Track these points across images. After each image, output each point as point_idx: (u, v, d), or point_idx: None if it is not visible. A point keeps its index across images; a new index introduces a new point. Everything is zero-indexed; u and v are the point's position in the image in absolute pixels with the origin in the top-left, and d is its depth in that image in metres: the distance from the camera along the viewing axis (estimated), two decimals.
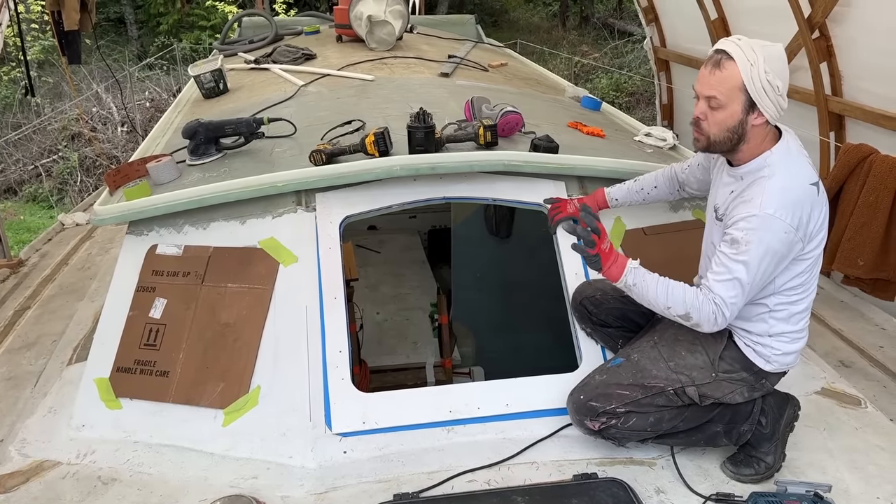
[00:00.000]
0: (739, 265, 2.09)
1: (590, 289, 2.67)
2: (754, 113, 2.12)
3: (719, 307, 2.13)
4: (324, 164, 2.73)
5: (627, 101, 14.33)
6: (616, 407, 2.28)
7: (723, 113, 2.14)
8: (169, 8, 17.83)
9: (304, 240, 2.66)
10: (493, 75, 4.77)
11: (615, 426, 2.30)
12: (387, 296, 4.86)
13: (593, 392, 2.33)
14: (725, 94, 2.12)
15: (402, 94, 3.88)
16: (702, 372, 2.29)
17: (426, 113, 2.77)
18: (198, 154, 3.07)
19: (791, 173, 2.15)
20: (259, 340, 2.53)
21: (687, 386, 2.28)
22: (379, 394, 2.52)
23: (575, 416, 2.37)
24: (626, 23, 18.80)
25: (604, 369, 2.41)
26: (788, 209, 2.08)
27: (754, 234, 2.08)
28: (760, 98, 2.09)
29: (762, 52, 2.08)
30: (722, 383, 2.29)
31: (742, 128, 2.15)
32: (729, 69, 2.09)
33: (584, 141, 3.34)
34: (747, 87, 2.09)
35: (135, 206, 2.67)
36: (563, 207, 2.76)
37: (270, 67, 4.75)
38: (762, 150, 2.19)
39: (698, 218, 3.04)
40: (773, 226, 2.07)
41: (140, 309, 2.63)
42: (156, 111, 11.70)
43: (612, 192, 2.76)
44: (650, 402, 2.29)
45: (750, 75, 2.07)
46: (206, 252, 2.68)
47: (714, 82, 2.13)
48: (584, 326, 2.71)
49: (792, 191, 2.11)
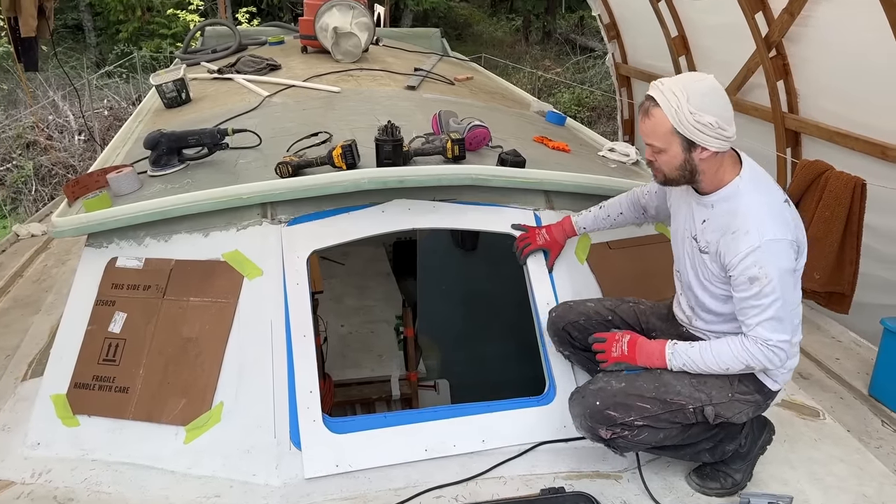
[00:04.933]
0: (771, 301, 2.09)
1: (572, 313, 2.60)
2: (696, 149, 2.13)
3: (773, 349, 2.13)
4: (290, 176, 2.70)
5: (589, 116, 14.51)
6: (634, 420, 2.24)
7: (666, 155, 2.17)
8: (129, 15, 17.51)
9: (270, 252, 2.62)
10: (460, 89, 4.79)
11: (626, 438, 2.25)
12: (351, 308, 4.82)
13: (611, 400, 2.26)
14: (661, 139, 2.14)
15: (369, 106, 3.87)
16: (720, 391, 2.27)
17: (394, 126, 2.77)
18: (160, 165, 3.01)
19: (767, 194, 2.18)
20: (222, 355, 2.49)
21: (706, 405, 2.25)
22: (352, 435, 2.44)
23: (587, 421, 2.28)
24: (588, 39, 19.08)
25: (620, 375, 2.33)
26: (782, 227, 2.11)
27: (769, 265, 2.07)
28: (695, 136, 2.09)
29: (685, 92, 2.08)
30: (735, 403, 2.28)
31: (690, 164, 2.17)
32: (657, 116, 2.12)
33: (550, 155, 3.37)
34: (678, 130, 2.10)
35: (94, 217, 2.61)
36: (531, 238, 2.75)
37: (234, 77, 4.70)
38: (727, 178, 2.20)
39: (661, 232, 3.08)
40: (779, 248, 2.09)
41: (99, 323, 2.56)
42: (115, 119, 11.47)
43: (579, 221, 2.75)
44: (668, 419, 2.25)
45: (677, 119, 2.08)
46: (168, 265, 2.62)
47: (648, 131, 2.16)
48: (563, 350, 2.64)
49: (775, 210, 2.14)
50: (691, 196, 2.32)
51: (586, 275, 2.83)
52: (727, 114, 2.11)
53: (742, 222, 2.13)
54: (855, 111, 4.67)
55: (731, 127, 2.13)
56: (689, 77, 2.15)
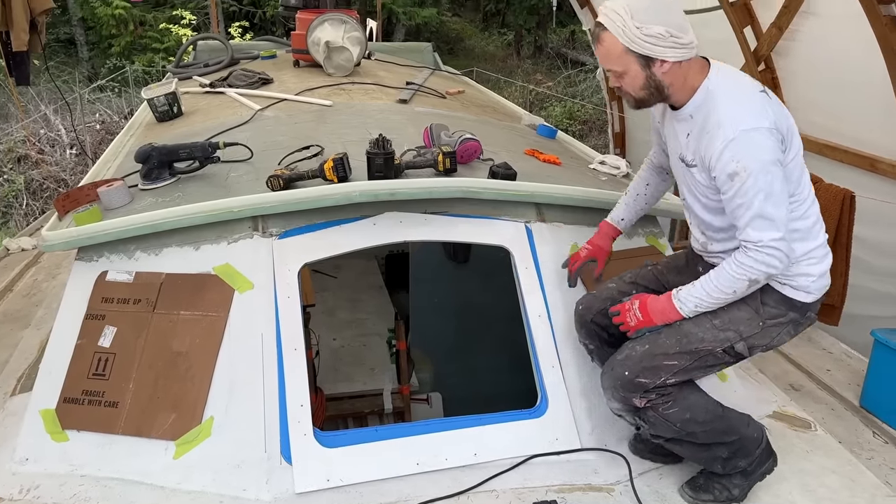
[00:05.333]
0: (752, 196, 2.02)
1: (597, 301, 2.56)
2: (655, 63, 2.10)
3: (764, 250, 2.05)
4: (282, 189, 2.71)
5: (581, 129, 14.59)
6: (666, 379, 2.23)
7: (628, 77, 2.15)
8: (121, 30, 17.54)
9: (261, 266, 2.61)
10: (451, 102, 4.81)
11: (658, 409, 2.26)
12: (344, 321, 4.81)
13: (638, 366, 2.26)
14: (616, 62, 2.13)
15: (361, 119, 3.88)
16: (749, 324, 2.24)
17: (385, 139, 2.77)
18: (151, 178, 3.01)
19: (739, 88, 2.14)
20: (212, 369, 2.47)
21: (735, 342, 2.24)
22: (343, 449, 2.43)
23: (619, 392, 2.28)
24: (579, 53, 19.22)
25: (643, 338, 2.32)
26: (757, 115, 2.05)
27: (746, 157, 2.01)
28: (648, 50, 2.07)
29: (628, 10, 2.06)
30: (769, 330, 2.25)
31: (653, 80, 2.14)
32: (606, 40, 2.12)
33: (541, 168, 3.38)
34: (630, 48, 2.08)
35: (85, 231, 2.60)
36: (575, 257, 2.74)
37: (226, 91, 4.71)
38: (696, 84, 2.16)
39: (652, 244, 3.09)
40: (757, 138, 2.02)
41: (89, 337, 2.55)
42: (106, 133, 11.46)
43: (615, 217, 2.73)
44: (699, 367, 2.26)
45: (626, 37, 2.06)
46: (159, 279, 2.62)
47: (603, 57, 2.16)
48: (588, 343, 2.61)
49: (748, 99, 2.10)
50: (672, 116, 2.29)
51: (578, 286, 2.84)
52: (676, 20, 2.08)
53: (715, 119, 2.08)
54: (843, 124, 4.71)
55: (687, 34, 2.08)
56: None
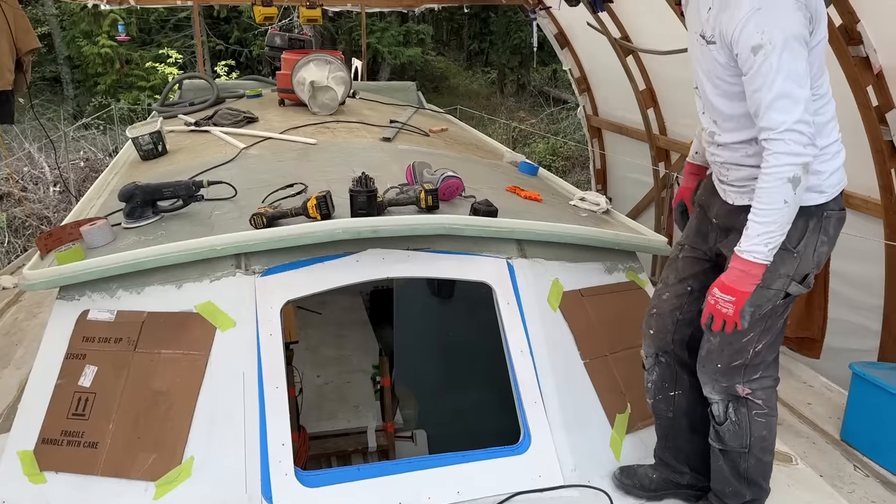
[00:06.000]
0: (775, 73, 1.94)
1: (667, 319, 2.54)
2: None
3: (787, 134, 1.95)
4: (265, 227, 2.73)
5: (563, 165, 14.78)
6: (755, 349, 2.28)
7: None
8: (107, 68, 17.66)
9: (243, 303, 2.62)
10: (434, 140, 4.87)
11: (757, 398, 2.33)
12: (328, 358, 4.79)
13: (724, 354, 2.31)
14: None
15: (345, 157, 3.92)
16: (784, 262, 2.18)
17: (368, 177, 2.81)
18: (134, 217, 3.02)
19: None
20: (193, 408, 2.46)
21: (787, 286, 2.21)
22: (325, 489, 2.41)
23: (720, 383, 2.34)
24: (561, 91, 19.56)
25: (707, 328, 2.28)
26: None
27: (772, 27, 1.93)
28: None
29: None
30: (804, 252, 2.19)
31: None
32: None
33: (522, 205, 3.43)
34: None
35: (67, 270, 2.60)
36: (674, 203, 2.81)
37: (211, 130, 4.75)
38: None
39: (632, 280, 3.13)
40: (784, 8, 1.94)
41: (69, 377, 2.52)
42: (91, 171, 11.46)
43: (691, 153, 2.71)
44: (774, 323, 2.29)
45: None
46: (140, 317, 2.61)
47: None
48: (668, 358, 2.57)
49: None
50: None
51: (559, 322, 2.86)
52: None
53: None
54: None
55: None
56: None
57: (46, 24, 17.93)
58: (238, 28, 19.29)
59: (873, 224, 4.50)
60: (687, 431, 2.61)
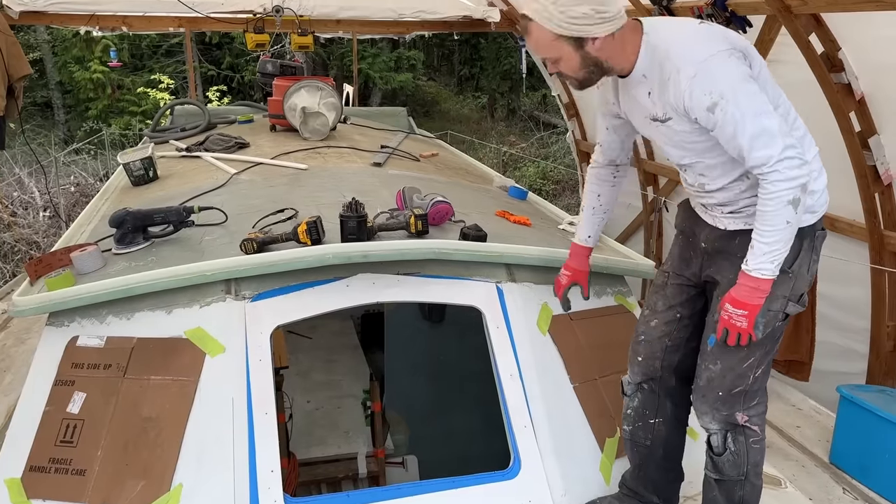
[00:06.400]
0: (741, 118, 1.98)
1: (656, 345, 2.55)
2: (587, 42, 2.08)
3: (781, 165, 1.98)
4: (255, 252, 2.74)
5: (554, 189, 14.87)
6: (754, 374, 2.29)
7: (563, 62, 2.15)
8: (99, 93, 17.72)
9: (233, 329, 2.62)
10: (425, 165, 4.91)
11: (754, 425, 2.34)
12: (318, 383, 4.77)
13: (726, 380, 2.31)
14: (549, 50, 2.12)
15: (335, 182, 3.95)
16: (781, 284, 2.20)
17: (358, 202, 2.83)
18: (124, 243, 3.03)
19: (679, 28, 2.14)
20: (182, 435, 2.45)
21: (784, 307, 2.26)
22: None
23: (721, 412, 2.34)
24: (551, 115, 19.74)
25: (709, 353, 2.33)
26: (708, 42, 2.04)
27: (716, 83, 1.99)
28: (577, 31, 2.05)
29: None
30: (798, 273, 2.24)
31: (589, 59, 2.13)
32: (535, 30, 2.11)
33: (512, 229, 3.45)
34: (559, 34, 2.06)
35: (56, 296, 2.60)
36: (557, 285, 2.78)
37: (202, 155, 4.77)
38: (636, 46, 2.13)
39: (620, 303, 3.15)
40: (718, 62, 2.00)
41: (57, 404, 2.51)
42: (81, 196, 11.45)
43: (581, 237, 2.73)
44: (773, 345, 2.32)
45: (552, 23, 2.04)
46: (130, 343, 2.61)
47: (535, 47, 2.15)
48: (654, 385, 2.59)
49: (693, 33, 2.10)
50: (625, 85, 2.26)
51: (549, 346, 2.87)
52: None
53: (670, 66, 2.06)
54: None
55: (611, 5, 2.06)
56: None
57: (38, 50, 18.01)
58: (230, 54, 19.44)
59: (859, 247, 4.55)
60: (661, 460, 2.63)
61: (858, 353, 4.73)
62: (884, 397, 3.42)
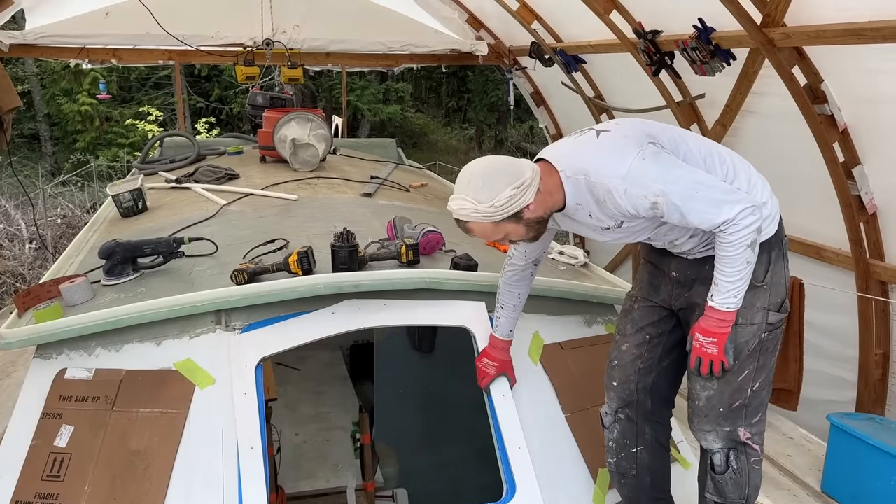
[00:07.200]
0: (687, 199, 2.09)
1: (630, 369, 2.59)
2: (524, 211, 2.15)
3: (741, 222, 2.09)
4: (246, 283, 2.73)
5: None
6: (752, 387, 2.32)
7: (512, 235, 2.23)
8: (87, 125, 17.74)
9: (223, 360, 2.60)
10: (415, 195, 4.93)
11: (756, 444, 2.37)
12: (306, 415, 4.72)
13: (725, 396, 2.33)
14: (495, 234, 2.22)
15: (326, 213, 3.95)
16: (758, 295, 2.28)
17: (349, 232, 2.84)
18: (114, 274, 3.01)
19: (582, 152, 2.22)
20: (171, 468, 2.41)
21: (767, 318, 2.30)
22: None
23: (724, 428, 2.36)
24: (538, 146, 19.89)
25: (699, 377, 2.35)
26: (615, 154, 2.14)
27: (646, 185, 2.09)
28: (511, 211, 2.13)
29: (471, 199, 2.12)
30: (773, 281, 2.31)
31: (531, 222, 2.21)
32: (475, 228, 2.20)
33: (502, 258, 3.45)
34: (497, 220, 2.15)
35: (44, 328, 2.57)
36: (483, 373, 2.77)
37: (192, 186, 4.77)
38: (557, 185, 2.22)
39: (611, 332, 3.15)
40: (638, 169, 2.10)
41: (44, 437, 2.47)
42: (68, 228, 11.40)
43: (503, 333, 2.75)
44: (767, 359, 2.34)
45: (487, 217, 2.13)
46: (119, 375, 2.58)
47: (482, 235, 2.25)
48: (629, 412, 2.61)
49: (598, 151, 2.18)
50: (563, 215, 2.36)
51: (540, 375, 2.87)
52: (509, 173, 2.13)
53: (599, 189, 2.16)
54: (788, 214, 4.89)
55: (523, 172, 2.14)
56: (460, 185, 2.18)
57: (27, 83, 18.05)
58: (219, 86, 19.56)
59: (845, 276, 4.59)
60: (649, 489, 2.63)
61: (847, 381, 4.75)
62: (873, 425, 3.43)
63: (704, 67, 4.86)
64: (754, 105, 4.88)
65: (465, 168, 2.20)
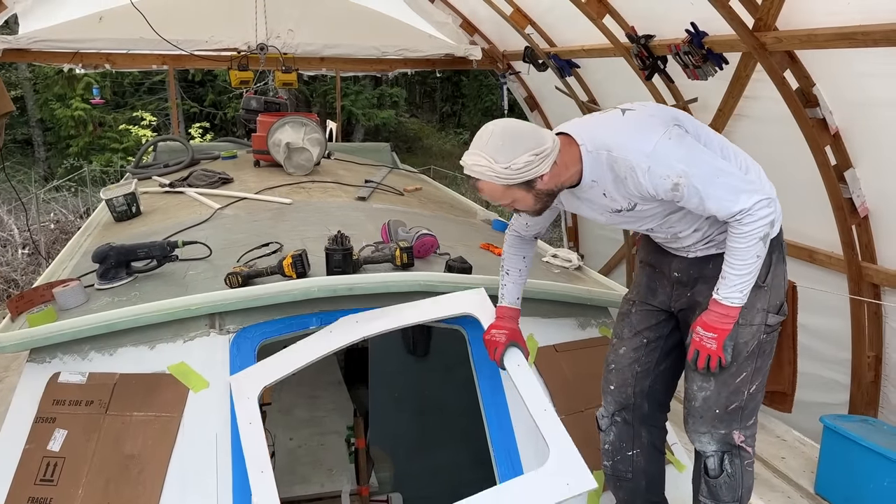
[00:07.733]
0: (707, 185, 2.07)
1: (628, 372, 2.58)
2: (536, 181, 2.12)
3: (756, 212, 2.10)
4: (240, 286, 2.73)
5: None
6: (748, 389, 2.32)
7: (518, 203, 2.20)
8: (80, 130, 17.69)
9: (217, 364, 2.60)
10: (409, 199, 4.94)
11: (749, 446, 2.37)
12: (301, 420, 4.71)
13: (721, 398, 2.33)
14: (503, 198, 2.18)
15: (320, 216, 3.96)
16: (759, 297, 2.28)
17: (344, 235, 2.84)
18: (107, 278, 3.01)
19: (606, 125, 2.20)
20: (165, 471, 2.41)
21: (766, 319, 2.30)
22: None
23: (719, 430, 2.36)
24: None
25: (697, 377, 2.36)
26: (643, 131, 2.12)
27: (670, 166, 2.07)
28: (524, 178, 2.09)
29: (488, 157, 2.08)
30: (773, 283, 2.32)
31: (541, 193, 2.18)
32: (485, 187, 2.15)
33: (496, 262, 3.46)
34: (509, 184, 2.11)
35: (38, 332, 2.56)
36: (494, 343, 2.66)
37: (186, 191, 4.77)
38: (576, 159, 2.19)
39: (605, 335, 3.16)
40: (662, 148, 2.09)
41: (37, 441, 2.46)
42: (61, 233, 11.36)
43: (510, 300, 2.68)
44: (764, 361, 2.35)
45: (500, 179, 2.09)
46: (112, 379, 2.57)
47: (489, 198, 2.21)
48: (626, 415, 2.61)
49: (625, 128, 2.17)
50: (574, 193, 2.32)
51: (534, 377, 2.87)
52: (531, 138, 2.10)
53: (622, 165, 2.12)
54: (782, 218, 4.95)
55: (544, 141, 2.10)
56: (479, 141, 2.12)
57: (20, 88, 18.00)
58: (213, 91, 19.54)
59: (838, 279, 4.61)
60: (645, 491, 2.64)
61: (840, 383, 4.76)
62: (866, 427, 3.44)
63: (697, 72, 4.89)
64: (746, 109, 4.90)
65: (487, 125, 2.14)
